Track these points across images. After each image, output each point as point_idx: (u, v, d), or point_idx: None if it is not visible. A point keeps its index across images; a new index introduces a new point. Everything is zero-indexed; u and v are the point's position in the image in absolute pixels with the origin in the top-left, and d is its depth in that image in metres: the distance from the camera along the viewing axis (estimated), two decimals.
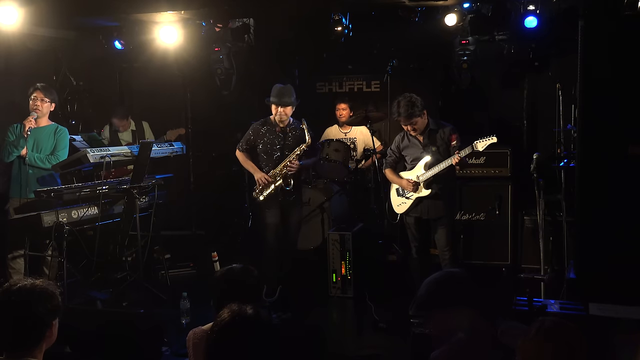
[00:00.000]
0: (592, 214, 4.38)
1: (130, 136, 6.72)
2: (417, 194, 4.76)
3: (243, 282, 2.73)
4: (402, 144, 4.88)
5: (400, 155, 4.91)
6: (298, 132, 5.07)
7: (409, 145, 4.83)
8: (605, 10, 4.24)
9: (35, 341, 2.23)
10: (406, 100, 4.57)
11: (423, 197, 4.74)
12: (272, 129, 5.07)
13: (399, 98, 4.65)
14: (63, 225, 4.72)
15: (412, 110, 4.56)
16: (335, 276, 5.38)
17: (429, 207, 4.76)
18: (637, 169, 4.14)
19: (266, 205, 5.09)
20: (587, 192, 4.42)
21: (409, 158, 4.84)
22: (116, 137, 6.67)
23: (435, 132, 4.72)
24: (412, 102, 4.56)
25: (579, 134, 4.54)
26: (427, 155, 4.71)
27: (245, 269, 2.81)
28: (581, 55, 4.33)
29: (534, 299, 3.66)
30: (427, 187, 4.71)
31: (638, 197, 4.16)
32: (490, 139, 4.47)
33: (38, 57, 6.52)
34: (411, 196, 4.80)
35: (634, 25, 4.14)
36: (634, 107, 4.17)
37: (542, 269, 5.05)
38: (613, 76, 4.22)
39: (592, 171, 4.36)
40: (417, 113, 4.59)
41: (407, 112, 4.56)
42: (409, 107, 4.55)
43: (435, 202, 4.74)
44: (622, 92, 4.20)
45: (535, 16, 5.30)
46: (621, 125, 4.20)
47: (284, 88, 5.00)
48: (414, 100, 4.57)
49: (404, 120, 4.63)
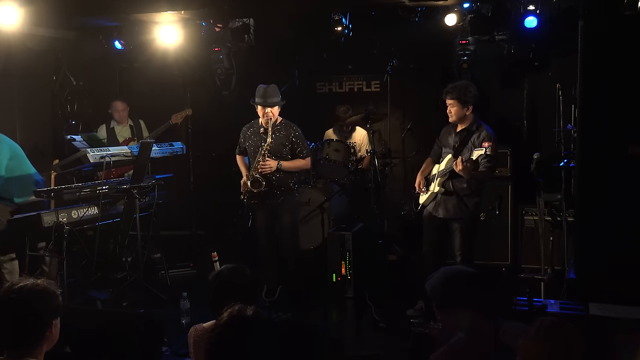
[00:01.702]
0: (592, 214, 4.38)
1: (129, 131, 6.68)
2: (431, 189, 4.73)
3: (233, 282, 2.73)
4: (443, 134, 4.82)
5: (441, 146, 4.84)
6: (283, 133, 4.99)
7: (446, 135, 4.77)
8: (606, 10, 4.24)
9: (35, 341, 2.23)
10: (463, 85, 4.54)
11: (436, 193, 4.69)
12: (256, 131, 5.05)
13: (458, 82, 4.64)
14: (63, 225, 4.72)
15: (459, 94, 4.49)
16: (335, 276, 5.38)
17: (440, 206, 4.66)
18: (637, 169, 4.14)
19: (255, 209, 5.12)
20: (587, 192, 4.42)
21: (443, 150, 4.80)
22: (113, 134, 6.63)
23: (471, 134, 4.58)
24: (466, 87, 4.52)
25: (579, 134, 4.54)
26: (452, 152, 4.64)
27: (235, 269, 2.81)
28: (581, 55, 4.33)
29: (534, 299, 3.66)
30: (442, 185, 4.64)
31: (638, 197, 4.16)
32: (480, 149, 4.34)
33: (38, 57, 6.52)
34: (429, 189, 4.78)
35: (634, 25, 4.13)
36: (634, 107, 4.17)
37: (542, 269, 5.05)
38: (613, 76, 4.22)
39: (592, 171, 4.35)
40: (462, 99, 4.50)
41: (456, 94, 4.49)
42: (459, 90, 4.50)
43: (447, 202, 4.62)
44: (622, 92, 4.20)
45: (535, 16, 5.30)
46: (621, 125, 4.20)
47: (269, 88, 4.94)
48: (469, 88, 4.53)
49: (448, 98, 4.55)
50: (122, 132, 6.67)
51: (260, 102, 4.92)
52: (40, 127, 6.65)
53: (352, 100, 7.01)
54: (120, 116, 6.65)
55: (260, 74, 6.87)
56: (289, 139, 5.00)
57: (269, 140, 4.90)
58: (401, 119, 7.13)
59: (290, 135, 5.01)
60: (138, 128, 6.76)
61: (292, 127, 5.05)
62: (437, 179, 4.68)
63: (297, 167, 5.10)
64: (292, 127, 5.06)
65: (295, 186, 5.13)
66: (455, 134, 4.67)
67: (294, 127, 5.08)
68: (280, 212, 5.08)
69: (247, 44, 6.65)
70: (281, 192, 5.03)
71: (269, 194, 5.00)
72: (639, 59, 4.16)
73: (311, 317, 5.02)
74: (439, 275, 2.62)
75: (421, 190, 4.83)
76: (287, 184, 5.05)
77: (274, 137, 4.96)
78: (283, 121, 5.06)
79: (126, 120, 6.72)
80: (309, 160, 5.19)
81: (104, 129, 6.70)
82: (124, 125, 6.71)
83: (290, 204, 5.13)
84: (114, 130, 6.67)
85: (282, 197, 5.04)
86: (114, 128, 6.68)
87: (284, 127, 5.02)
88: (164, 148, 5.78)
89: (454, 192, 4.60)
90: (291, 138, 5.01)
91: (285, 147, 5.01)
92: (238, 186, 5.21)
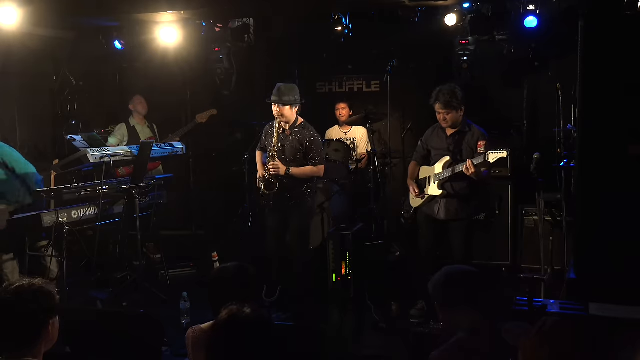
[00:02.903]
0: (592, 214, 4.37)
1: (150, 131, 6.72)
2: (429, 192, 4.73)
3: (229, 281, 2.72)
4: (430, 137, 4.84)
5: (428, 149, 4.86)
6: (299, 136, 4.86)
7: (436, 138, 4.78)
8: (605, 10, 4.24)
9: (33, 340, 2.23)
10: (449, 89, 4.56)
11: (435, 196, 4.70)
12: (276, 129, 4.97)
13: (441, 86, 4.63)
14: (63, 225, 4.72)
15: (450, 100, 4.52)
16: (335, 276, 5.37)
17: (441, 208, 4.68)
18: (637, 169, 4.14)
19: (267, 208, 5.05)
20: (587, 192, 4.42)
21: (434, 152, 4.80)
22: (135, 133, 6.64)
23: (464, 134, 4.64)
24: (454, 92, 4.54)
25: (579, 134, 4.53)
26: (448, 155, 4.66)
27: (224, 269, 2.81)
28: (581, 55, 4.33)
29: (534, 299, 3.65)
30: (441, 187, 4.65)
31: (638, 197, 4.16)
32: (501, 152, 4.35)
33: (38, 57, 6.53)
34: (424, 192, 4.78)
35: (634, 25, 4.13)
36: (634, 107, 4.16)
37: (542, 269, 5.05)
38: (613, 76, 4.22)
39: (592, 171, 4.35)
40: (455, 105, 4.54)
41: (446, 101, 4.52)
42: (449, 97, 4.52)
43: (449, 204, 4.65)
44: (622, 92, 4.19)
45: (535, 16, 5.30)
46: (621, 125, 4.20)
47: (284, 87, 4.78)
48: (456, 92, 4.55)
49: (439, 107, 4.57)
50: (143, 131, 6.68)
51: (271, 99, 4.78)
52: (40, 127, 6.65)
53: (352, 100, 7.01)
54: (143, 108, 6.67)
55: (260, 74, 6.88)
56: (304, 143, 4.85)
57: (275, 141, 4.81)
58: (401, 119, 7.13)
59: (305, 139, 4.85)
60: (152, 130, 6.78)
61: (308, 131, 4.88)
62: (435, 182, 4.69)
63: (305, 174, 4.89)
64: (309, 131, 4.89)
65: (308, 191, 4.97)
66: (447, 137, 4.69)
67: (311, 131, 4.91)
68: (290, 216, 4.97)
69: (247, 44, 6.65)
70: (292, 196, 4.92)
71: (280, 197, 4.91)
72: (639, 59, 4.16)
73: (311, 317, 5.01)
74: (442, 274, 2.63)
75: (416, 194, 4.83)
76: (299, 189, 4.91)
77: (290, 139, 4.86)
78: (303, 123, 4.92)
79: (144, 118, 6.73)
80: (321, 168, 4.94)
81: (123, 127, 6.69)
82: (144, 125, 6.72)
83: (302, 209, 4.97)
84: (136, 129, 6.68)
85: (294, 202, 4.93)
86: (135, 127, 6.69)
87: (301, 130, 4.87)
88: (164, 148, 5.78)
89: (455, 194, 4.62)
90: (305, 142, 4.85)
91: (299, 151, 4.87)
92: (238, 186, 5.21)
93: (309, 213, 5.16)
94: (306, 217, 5.12)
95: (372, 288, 5.32)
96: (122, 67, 7.50)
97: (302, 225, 5.07)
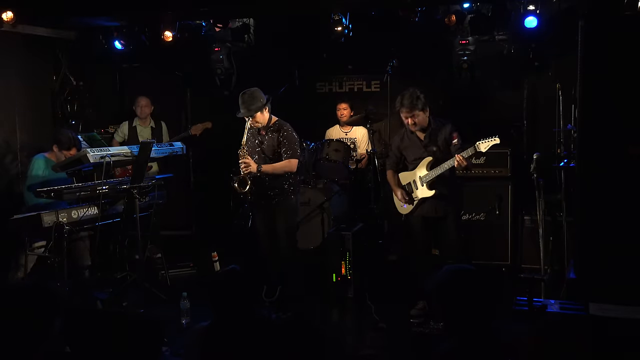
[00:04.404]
0: (592, 214, 4.37)
1: (149, 133, 6.70)
2: (420, 195, 4.76)
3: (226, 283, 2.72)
4: (401, 144, 4.88)
5: (401, 155, 4.91)
6: (275, 134, 4.89)
7: (409, 144, 4.82)
8: (606, 10, 4.24)
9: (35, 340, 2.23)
10: (410, 93, 4.61)
11: (427, 197, 4.73)
12: (255, 131, 4.98)
13: (403, 92, 4.68)
14: (63, 225, 4.72)
15: (415, 102, 4.57)
16: (335, 276, 5.38)
17: (433, 206, 4.74)
18: (637, 169, 4.14)
19: (254, 209, 5.07)
20: (587, 192, 4.41)
21: (410, 157, 4.83)
22: (135, 133, 6.65)
23: (436, 132, 4.71)
24: (415, 95, 4.60)
25: (579, 134, 4.53)
26: (429, 155, 4.70)
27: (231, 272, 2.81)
28: (581, 55, 4.33)
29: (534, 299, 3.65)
30: (431, 187, 4.69)
31: (638, 197, 4.16)
32: (493, 139, 4.45)
33: (38, 57, 6.53)
34: (415, 198, 4.80)
35: (634, 25, 4.13)
36: (634, 107, 4.16)
37: (542, 269, 5.05)
38: (613, 76, 4.22)
39: (592, 171, 4.35)
40: (420, 106, 4.59)
41: (411, 104, 4.58)
42: (412, 99, 4.58)
43: (439, 202, 4.72)
44: (622, 92, 4.19)
45: (535, 16, 5.30)
46: (621, 125, 4.20)
47: (247, 96, 4.77)
48: (418, 94, 4.60)
49: (405, 112, 4.63)
50: (142, 132, 6.69)
51: (242, 114, 4.83)
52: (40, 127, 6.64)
53: (352, 100, 7.01)
54: (143, 112, 6.64)
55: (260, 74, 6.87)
56: (279, 139, 4.89)
57: (244, 140, 4.88)
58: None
59: (279, 135, 4.89)
60: (159, 130, 6.77)
61: (282, 127, 4.92)
62: (423, 184, 4.72)
63: (276, 170, 4.87)
64: (283, 127, 4.92)
65: (291, 188, 4.96)
66: (421, 140, 4.75)
67: (285, 126, 4.93)
68: (275, 214, 4.99)
69: (247, 44, 6.65)
70: (275, 194, 4.94)
71: (263, 195, 4.95)
72: (639, 59, 4.16)
73: (311, 317, 5.01)
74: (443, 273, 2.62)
75: (405, 200, 4.84)
76: (280, 186, 4.92)
77: (267, 138, 4.91)
78: (277, 121, 4.96)
79: (149, 119, 6.73)
80: (293, 162, 4.88)
81: (126, 125, 6.72)
82: (146, 126, 6.72)
83: (285, 206, 4.97)
84: (136, 129, 6.69)
85: (277, 199, 4.95)
86: (136, 127, 6.70)
87: (276, 128, 4.92)
88: (164, 148, 5.77)
89: (443, 189, 4.69)
90: (279, 137, 4.88)
91: (277, 148, 4.91)
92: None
93: (294, 212, 5.12)
94: (291, 216, 5.08)
95: (372, 288, 5.32)
96: (122, 67, 7.50)
97: (288, 223, 5.03)
